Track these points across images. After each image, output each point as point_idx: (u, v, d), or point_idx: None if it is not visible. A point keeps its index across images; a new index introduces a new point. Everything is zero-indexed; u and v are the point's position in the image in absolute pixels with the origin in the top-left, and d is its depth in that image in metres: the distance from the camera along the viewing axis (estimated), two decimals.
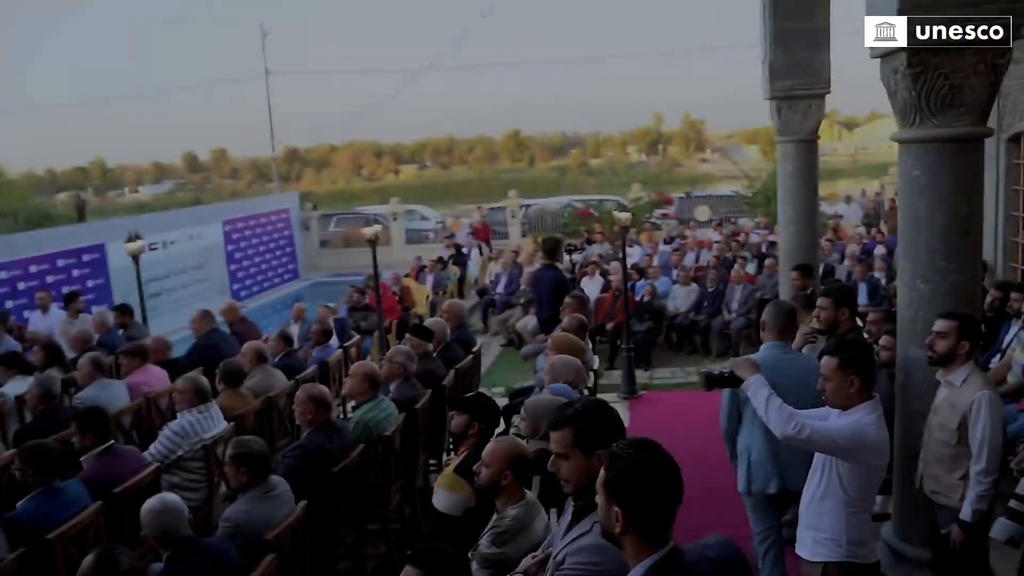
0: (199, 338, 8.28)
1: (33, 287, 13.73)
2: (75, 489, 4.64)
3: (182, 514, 3.71)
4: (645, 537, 2.32)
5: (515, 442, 3.93)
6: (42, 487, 4.48)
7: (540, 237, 22.11)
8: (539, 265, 9.36)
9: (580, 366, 5.87)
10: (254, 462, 4.26)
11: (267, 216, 22.43)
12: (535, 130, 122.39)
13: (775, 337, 4.82)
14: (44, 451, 4.56)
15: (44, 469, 4.50)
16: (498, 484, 3.68)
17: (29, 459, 4.52)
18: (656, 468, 2.31)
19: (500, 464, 3.67)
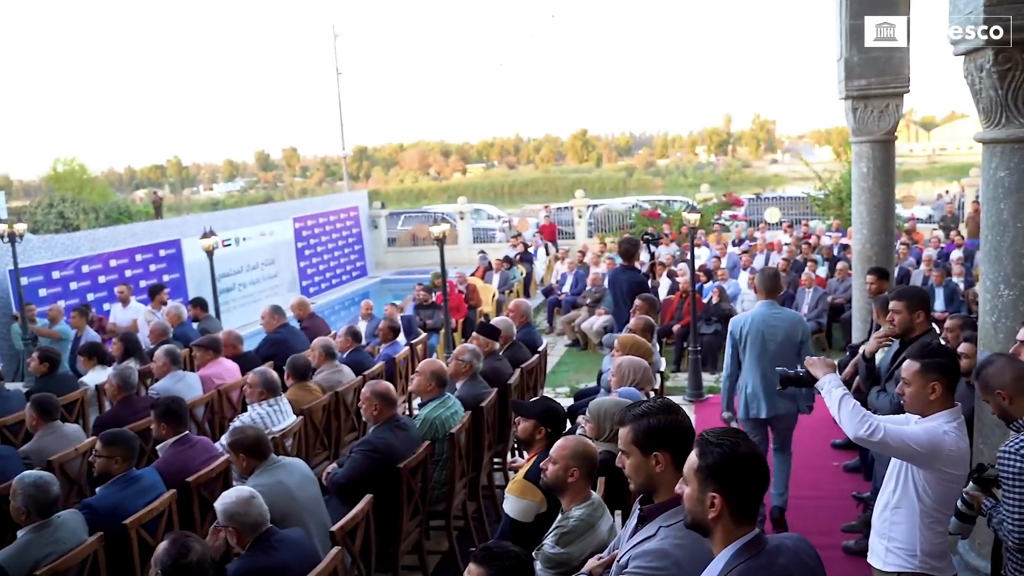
0: (269, 333, 8.43)
1: (113, 281, 14.16)
2: (151, 477, 4.77)
3: (265, 506, 3.78)
4: (736, 521, 2.41)
5: (582, 440, 3.91)
6: (121, 474, 4.62)
7: (614, 238, 22.04)
8: (616, 267, 9.24)
9: (647, 367, 5.80)
10: (248, 448, 4.46)
11: (336, 214, 22.75)
12: (602, 130, 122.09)
13: (764, 296, 6.11)
14: (123, 439, 4.69)
15: (123, 457, 4.63)
16: (565, 482, 3.66)
17: (109, 446, 4.66)
18: (749, 453, 2.41)
19: (567, 461, 3.66)
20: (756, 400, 5.95)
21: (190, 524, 4.82)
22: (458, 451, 5.47)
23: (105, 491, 4.61)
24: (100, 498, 4.57)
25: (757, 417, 5.96)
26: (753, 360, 5.94)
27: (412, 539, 5.20)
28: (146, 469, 4.85)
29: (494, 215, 28.68)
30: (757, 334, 5.95)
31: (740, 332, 6.04)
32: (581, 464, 3.68)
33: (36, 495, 4.01)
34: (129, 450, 4.67)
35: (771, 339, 5.93)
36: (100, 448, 4.67)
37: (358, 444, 5.13)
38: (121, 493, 4.55)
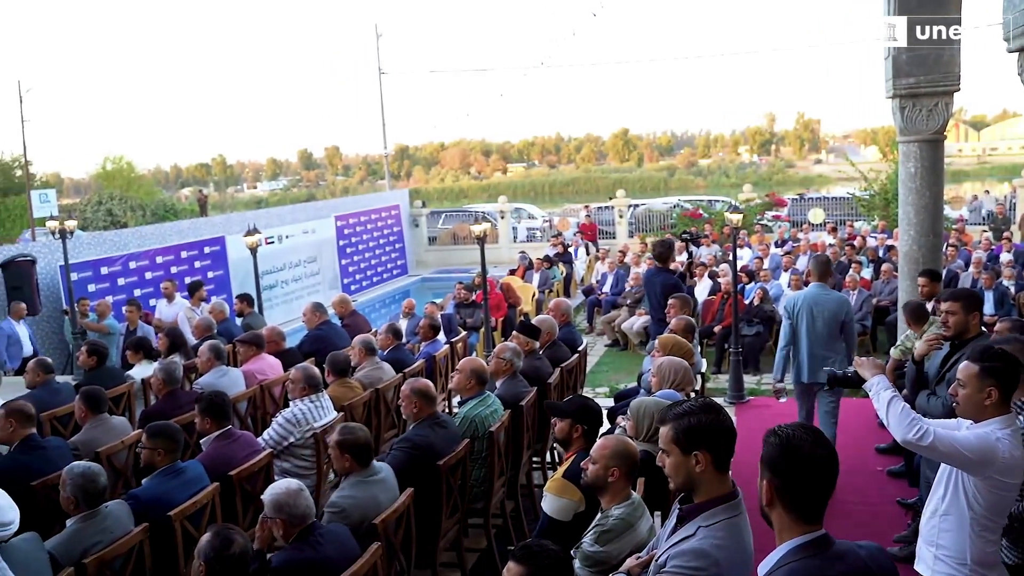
0: (311, 330, 8.51)
1: (159, 277, 14.40)
2: (195, 470, 4.84)
3: (311, 500, 3.82)
4: (793, 514, 2.41)
5: (623, 439, 3.89)
6: (165, 466, 4.69)
7: (655, 238, 21.94)
8: (650, 268, 9.18)
9: (687, 368, 5.76)
10: (356, 449, 4.37)
11: (378, 212, 22.91)
12: (644, 129, 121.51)
13: (816, 279, 7.03)
14: (167, 432, 4.77)
15: (166, 449, 4.71)
16: (605, 481, 3.65)
17: (153, 439, 4.74)
18: (810, 447, 2.39)
19: (608, 460, 3.65)
20: (802, 368, 6.87)
21: (232, 517, 4.89)
22: (497, 449, 5.47)
23: (150, 482, 4.70)
24: (145, 489, 4.65)
25: (800, 382, 6.93)
26: (802, 333, 6.83)
27: (451, 536, 5.21)
28: (190, 462, 4.92)
29: (535, 214, 28.68)
30: (807, 311, 6.82)
31: (793, 308, 6.96)
32: (621, 463, 3.67)
33: (85, 485, 4.10)
34: (172, 443, 4.74)
35: (819, 315, 6.78)
36: (145, 440, 4.76)
37: (398, 441, 5.16)
38: (166, 485, 4.63)
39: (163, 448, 4.70)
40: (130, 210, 34.42)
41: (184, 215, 33.18)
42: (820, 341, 6.76)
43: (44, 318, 13.02)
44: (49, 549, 3.91)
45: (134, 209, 34.55)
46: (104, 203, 34.89)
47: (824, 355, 6.70)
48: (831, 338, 6.78)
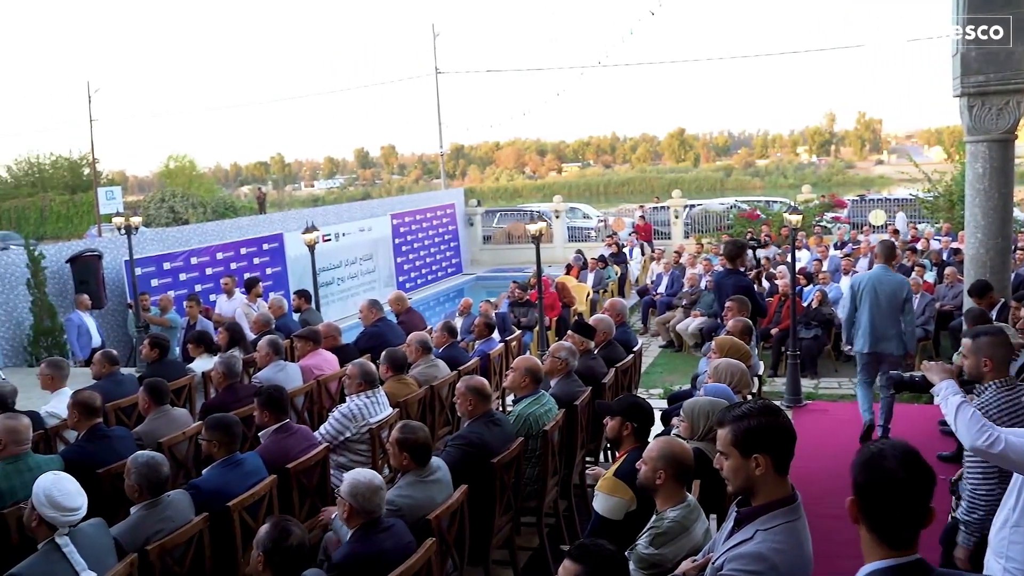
0: (368, 327, 8.59)
1: (219, 273, 14.70)
2: (254, 462, 4.92)
3: (385, 498, 3.87)
4: (876, 536, 2.30)
5: (673, 442, 3.85)
6: (224, 458, 4.79)
7: (710, 239, 21.71)
8: (720, 269, 9.04)
9: (744, 370, 5.69)
10: (416, 449, 4.38)
11: (433, 211, 23.06)
12: (700, 129, 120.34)
13: (881, 261, 7.84)
14: (222, 425, 4.86)
15: (227, 441, 4.80)
16: (653, 483, 3.62)
17: (210, 431, 4.85)
18: (894, 466, 2.28)
19: (655, 462, 3.61)
20: (864, 338, 7.69)
21: (288, 509, 4.96)
22: (551, 448, 5.46)
23: (210, 473, 4.80)
24: (206, 479, 4.75)
25: (862, 351, 7.76)
26: (865, 308, 7.66)
27: (503, 534, 5.22)
28: (249, 454, 5.00)
29: (590, 214, 28.59)
30: (871, 289, 7.66)
31: (858, 286, 7.81)
32: (668, 466, 3.62)
33: (148, 474, 4.19)
34: (227, 436, 4.82)
35: (881, 293, 7.60)
36: (204, 433, 4.89)
37: (452, 438, 5.18)
38: (226, 476, 4.72)
39: (219, 440, 4.80)
40: (191, 207, 35.16)
41: (243, 212, 33.77)
42: (882, 316, 7.57)
43: (109, 311, 13.37)
44: (114, 535, 4.01)
45: (195, 206, 35.27)
46: (167, 200, 35.70)
47: (885, 329, 7.56)
48: (892, 313, 7.60)
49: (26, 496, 4.26)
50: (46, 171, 48.23)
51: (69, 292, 12.72)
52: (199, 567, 4.35)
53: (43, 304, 12.08)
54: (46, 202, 44.72)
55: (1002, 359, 4.02)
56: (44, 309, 12.08)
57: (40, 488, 3.68)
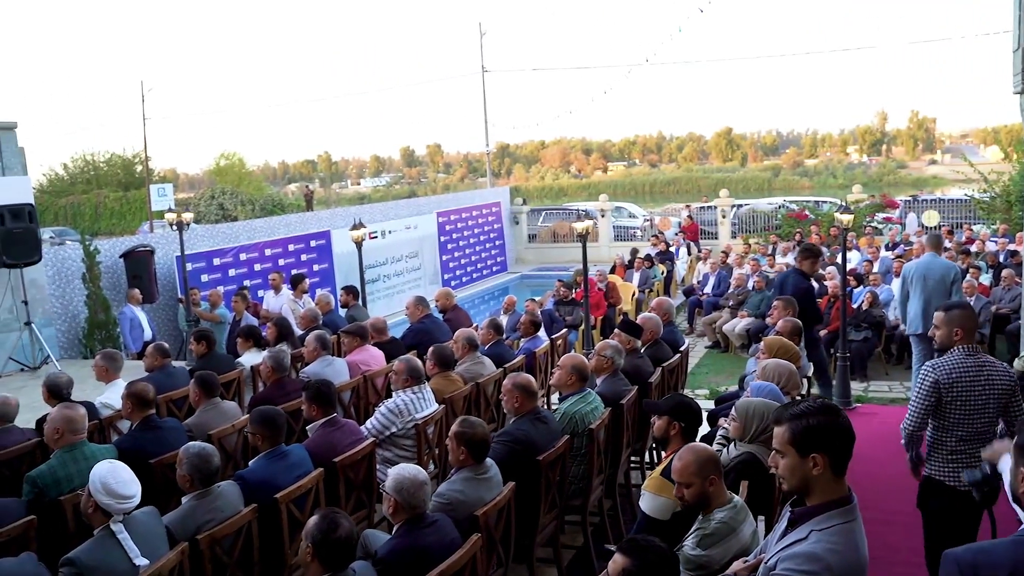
0: (414, 323, 8.63)
1: (267, 269, 14.88)
2: (298, 453, 4.98)
3: (428, 493, 3.90)
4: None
5: (697, 448, 3.76)
6: (269, 450, 4.85)
7: (753, 239, 21.43)
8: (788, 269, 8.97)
9: (794, 371, 5.62)
10: (474, 444, 4.38)
11: (479, 209, 23.11)
12: (748, 128, 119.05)
13: (930, 249, 8.66)
14: (265, 419, 4.92)
15: (270, 434, 4.87)
16: (706, 492, 3.59)
17: (254, 424, 4.92)
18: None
19: (696, 476, 3.57)
20: (916, 320, 8.48)
21: (335, 502, 5.00)
22: (597, 447, 5.44)
23: (256, 464, 4.88)
24: (252, 471, 4.82)
25: (916, 333, 8.51)
26: (916, 292, 8.49)
27: (548, 532, 5.20)
28: (294, 446, 5.07)
29: (635, 213, 28.44)
30: (920, 275, 8.50)
31: (909, 273, 8.67)
32: (713, 470, 3.60)
33: (200, 465, 4.26)
34: (271, 430, 4.88)
35: (930, 277, 8.42)
36: (249, 425, 4.97)
37: (498, 435, 5.18)
38: (270, 467, 4.78)
39: (263, 434, 4.86)
40: (240, 204, 35.64)
41: (290, 210, 34.15)
42: (932, 298, 8.21)
43: (160, 306, 13.61)
44: (165, 523, 4.09)
45: (244, 203, 35.75)
46: (216, 197, 36.25)
47: None
48: (941, 296, 8.13)
49: (82, 483, 4.36)
50: (101, 169, 49.27)
51: (122, 286, 12.97)
52: (247, 557, 4.40)
53: (97, 298, 12.34)
54: (100, 199, 45.70)
55: (970, 329, 4.60)
56: (98, 303, 12.33)
57: (96, 476, 3.76)
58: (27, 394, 7.93)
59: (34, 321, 11.01)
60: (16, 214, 10.50)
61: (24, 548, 4.15)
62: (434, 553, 3.71)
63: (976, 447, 4.29)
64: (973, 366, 4.45)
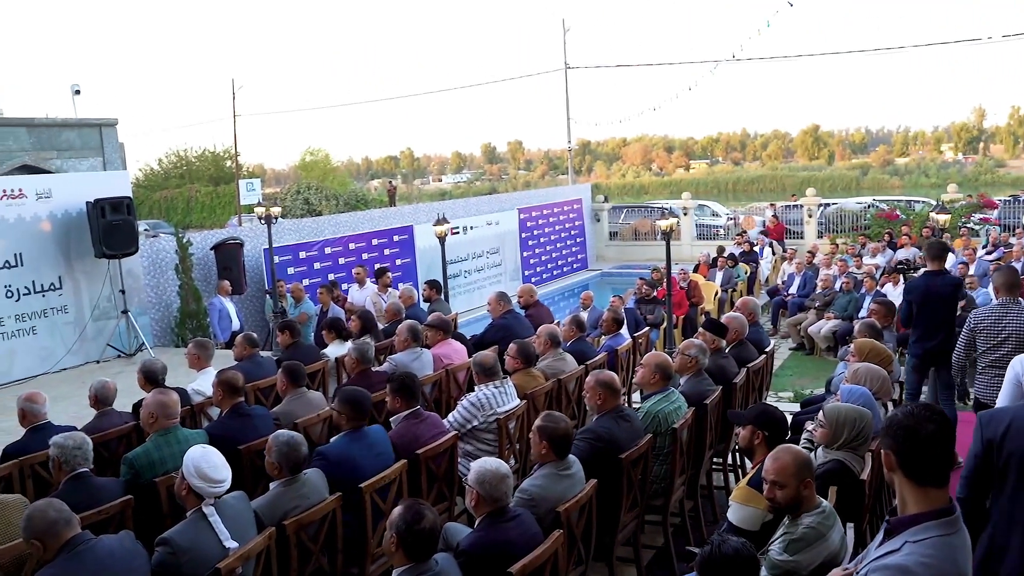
0: (496, 319, 8.65)
1: (351, 262, 15.14)
2: (377, 433, 5.09)
3: (511, 486, 3.90)
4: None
5: (792, 451, 3.67)
6: (351, 429, 4.99)
7: (840, 239, 20.88)
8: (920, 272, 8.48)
9: (886, 376, 5.45)
10: (556, 440, 4.37)
11: (560, 206, 23.07)
12: (835, 125, 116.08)
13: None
14: (353, 400, 5.05)
15: (354, 415, 5.00)
16: (800, 495, 3.50)
17: (341, 403, 5.04)
18: None
19: (797, 477, 3.50)
20: None
21: (417, 494, 5.05)
22: (679, 447, 5.36)
23: (337, 441, 5.01)
24: (332, 446, 4.95)
25: None
26: None
27: (628, 531, 5.16)
28: (374, 426, 5.16)
29: (719, 212, 28.02)
30: None
31: None
32: (808, 473, 3.53)
33: (289, 453, 4.35)
34: (355, 411, 5.00)
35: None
36: (336, 403, 5.11)
37: (581, 432, 5.15)
38: (350, 445, 4.90)
39: (347, 414, 4.98)
40: (324, 199, 36.30)
41: (373, 205, 34.67)
42: None
43: (248, 297, 13.97)
44: (254, 508, 4.19)
45: (328, 198, 36.40)
46: (302, 192, 36.99)
47: None
48: None
49: (175, 467, 4.51)
50: (192, 164, 50.88)
51: (213, 278, 13.36)
52: (331, 544, 4.48)
53: (189, 288, 12.73)
54: (192, 193, 47.24)
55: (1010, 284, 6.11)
56: (190, 293, 12.72)
57: (190, 460, 3.88)
58: (123, 379, 8.22)
59: (130, 310, 11.42)
60: (116, 207, 10.89)
61: (122, 526, 4.31)
62: (516, 547, 3.71)
63: None
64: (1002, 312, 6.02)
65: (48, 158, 20.32)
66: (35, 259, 10.69)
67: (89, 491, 4.45)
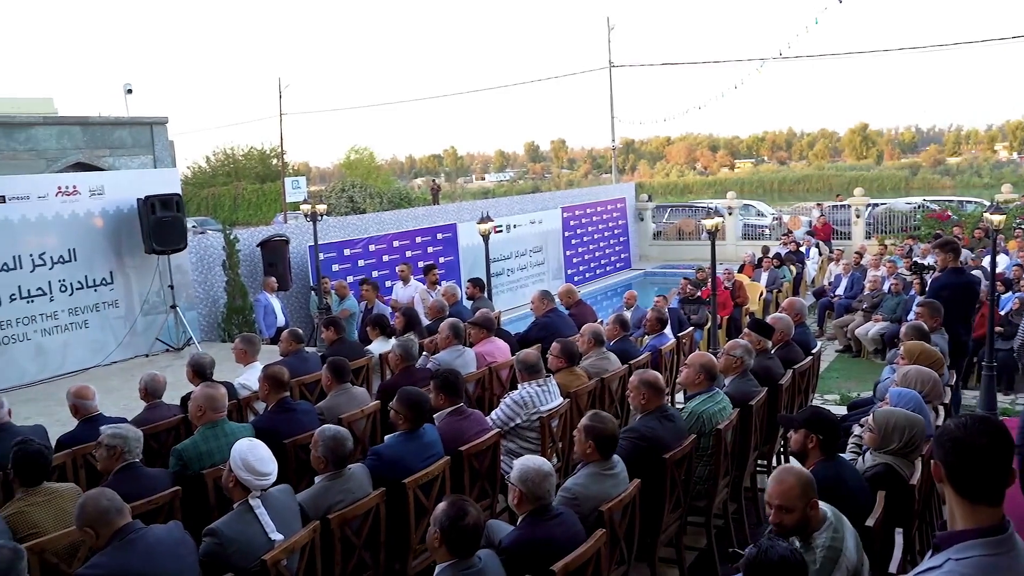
0: (539, 317, 8.65)
1: (395, 260, 15.23)
2: (432, 433, 5.12)
3: (553, 485, 3.90)
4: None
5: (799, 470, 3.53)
6: (407, 429, 5.00)
7: (889, 240, 20.53)
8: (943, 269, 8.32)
9: (937, 379, 5.36)
10: (602, 439, 4.35)
11: (603, 205, 22.98)
12: (884, 124, 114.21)
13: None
14: (416, 401, 5.07)
15: (411, 416, 5.01)
16: (807, 516, 3.36)
17: (405, 404, 5.05)
18: None
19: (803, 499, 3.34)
20: None
21: (460, 490, 5.07)
22: (723, 448, 5.32)
23: (392, 440, 5.03)
24: (388, 446, 4.99)
25: None
26: None
27: (671, 532, 5.13)
28: (428, 426, 5.17)
29: (764, 211, 27.70)
30: None
31: None
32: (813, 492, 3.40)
33: (335, 447, 4.40)
34: (413, 412, 5.02)
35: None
36: (394, 402, 5.10)
37: (624, 431, 5.13)
38: (405, 446, 4.93)
39: (406, 415, 5.00)
40: (368, 197, 36.60)
41: (417, 203, 34.85)
42: None
43: (293, 293, 14.12)
44: (299, 501, 4.24)
45: (372, 196, 36.70)
46: (346, 190, 37.34)
47: None
48: None
49: (222, 459, 4.58)
50: (240, 162, 51.62)
51: (258, 274, 13.52)
52: (374, 538, 4.52)
53: (236, 284, 12.90)
54: (239, 190, 47.93)
55: None
56: (237, 289, 12.90)
57: (237, 452, 3.93)
58: (172, 373, 8.37)
59: (179, 305, 11.61)
60: (165, 203, 11.08)
61: (170, 516, 4.39)
62: (558, 545, 3.71)
63: None
64: None
65: (101, 156, 20.74)
66: (88, 254, 10.92)
67: (139, 481, 4.55)
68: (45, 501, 4.36)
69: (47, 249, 10.51)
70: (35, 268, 10.40)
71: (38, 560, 3.88)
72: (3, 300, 10.06)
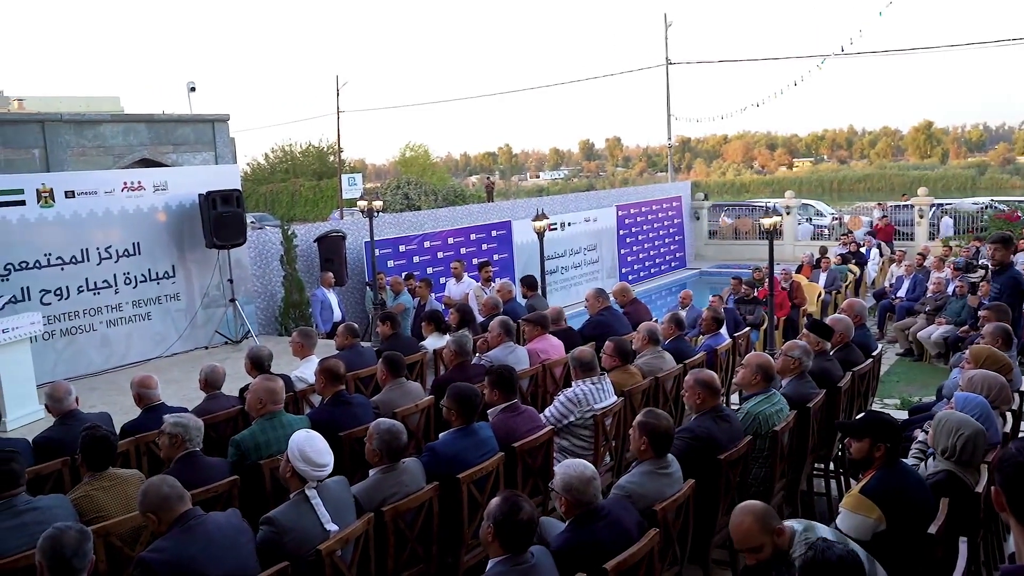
0: (593, 315, 8.62)
1: (449, 257, 15.31)
2: (486, 430, 5.12)
3: (598, 487, 3.87)
4: None
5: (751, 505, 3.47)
6: (460, 427, 5.00)
7: (953, 242, 20.04)
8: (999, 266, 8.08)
9: (1004, 384, 5.20)
10: (656, 436, 4.32)
11: (659, 203, 22.83)
12: (950, 122, 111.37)
13: None
14: (467, 396, 5.06)
15: (463, 412, 5.01)
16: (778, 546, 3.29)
17: (456, 401, 5.05)
18: None
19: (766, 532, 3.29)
20: None
21: (513, 486, 5.06)
22: (780, 450, 5.23)
23: (447, 437, 5.02)
24: (443, 443, 4.97)
25: None
26: None
27: (725, 533, 5.06)
28: (483, 423, 5.17)
29: (823, 211, 27.25)
30: None
31: None
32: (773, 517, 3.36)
33: (390, 441, 4.43)
34: (464, 408, 5.01)
35: None
36: (446, 399, 5.11)
37: (678, 431, 5.08)
38: (461, 443, 4.92)
39: (457, 411, 5.00)
40: (423, 194, 36.84)
41: (471, 201, 34.94)
42: None
43: (349, 288, 14.29)
44: (354, 493, 4.28)
45: (427, 194, 36.93)
46: (401, 187, 37.63)
47: None
48: None
49: (279, 450, 4.66)
50: (297, 159, 52.26)
51: (315, 269, 13.71)
52: (427, 532, 4.54)
53: (293, 279, 13.10)
54: (296, 187, 48.55)
55: None
56: (294, 283, 13.09)
57: (295, 443, 3.99)
58: (230, 365, 8.48)
59: (238, 298, 11.82)
60: (226, 199, 11.29)
61: (228, 504, 4.47)
62: (605, 547, 3.66)
63: None
64: None
65: (165, 152, 21.25)
66: (151, 248, 11.19)
67: (199, 470, 4.65)
68: (110, 486, 4.48)
69: (113, 243, 10.80)
70: (101, 261, 10.69)
71: (103, 543, 3.98)
72: (71, 292, 10.36)
